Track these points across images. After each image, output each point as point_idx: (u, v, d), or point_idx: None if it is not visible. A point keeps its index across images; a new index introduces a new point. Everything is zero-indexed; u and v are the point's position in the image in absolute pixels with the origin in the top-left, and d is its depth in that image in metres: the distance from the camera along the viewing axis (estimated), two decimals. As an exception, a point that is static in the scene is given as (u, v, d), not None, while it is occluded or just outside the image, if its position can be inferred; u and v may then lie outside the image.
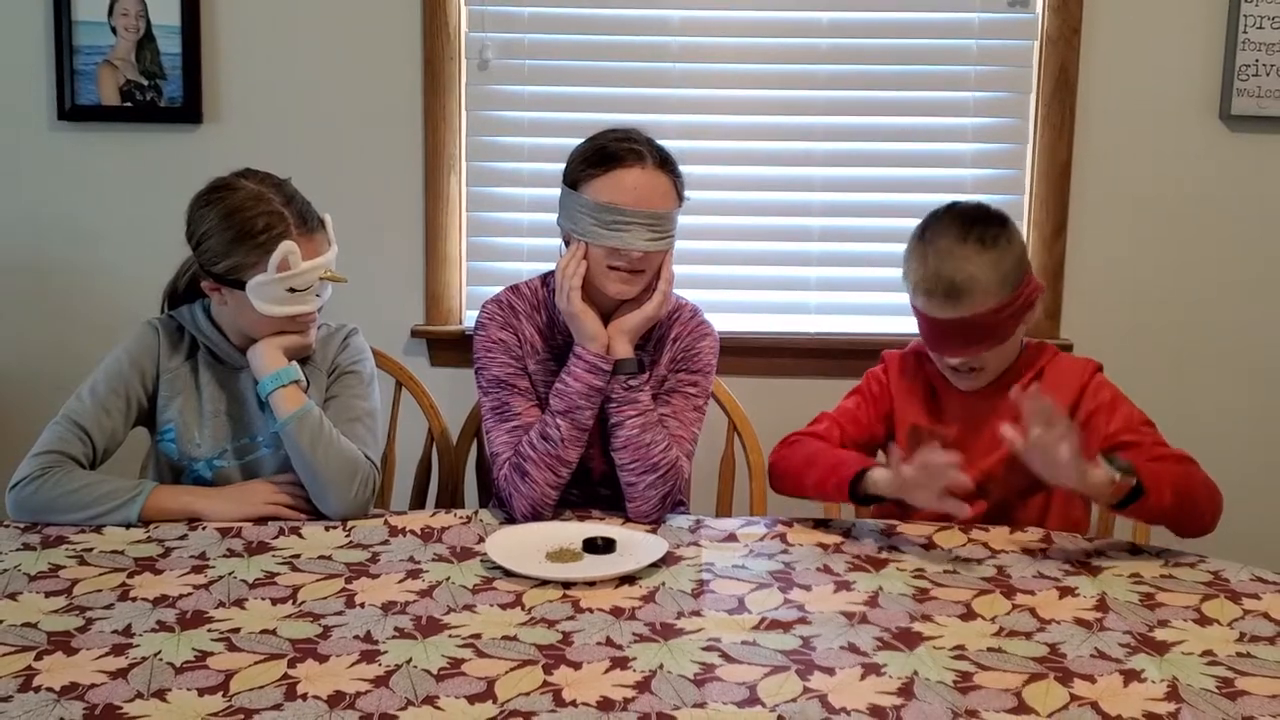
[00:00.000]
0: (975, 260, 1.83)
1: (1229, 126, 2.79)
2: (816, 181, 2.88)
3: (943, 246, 1.85)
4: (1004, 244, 1.86)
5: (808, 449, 1.94)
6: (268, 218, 1.85)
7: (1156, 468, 1.77)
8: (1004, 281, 1.84)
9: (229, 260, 1.86)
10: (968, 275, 1.82)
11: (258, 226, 1.84)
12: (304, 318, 1.91)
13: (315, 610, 1.52)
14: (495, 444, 1.97)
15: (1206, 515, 1.80)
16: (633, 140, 1.92)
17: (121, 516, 1.82)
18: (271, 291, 1.85)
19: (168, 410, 1.96)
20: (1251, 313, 2.87)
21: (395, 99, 2.84)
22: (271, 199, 1.87)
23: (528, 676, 1.34)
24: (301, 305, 1.89)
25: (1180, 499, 1.74)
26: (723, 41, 2.84)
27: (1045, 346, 2.00)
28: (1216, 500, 1.81)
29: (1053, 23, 2.77)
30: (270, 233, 1.84)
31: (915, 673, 1.36)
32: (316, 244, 1.90)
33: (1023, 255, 1.89)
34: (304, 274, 1.86)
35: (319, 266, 1.88)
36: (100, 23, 2.80)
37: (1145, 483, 1.71)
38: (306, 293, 1.88)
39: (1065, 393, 1.90)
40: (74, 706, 1.25)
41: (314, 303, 1.91)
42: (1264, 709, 1.29)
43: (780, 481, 1.97)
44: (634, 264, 1.89)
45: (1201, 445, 2.86)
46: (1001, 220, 1.90)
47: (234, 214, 1.85)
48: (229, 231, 1.85)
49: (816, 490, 1.89)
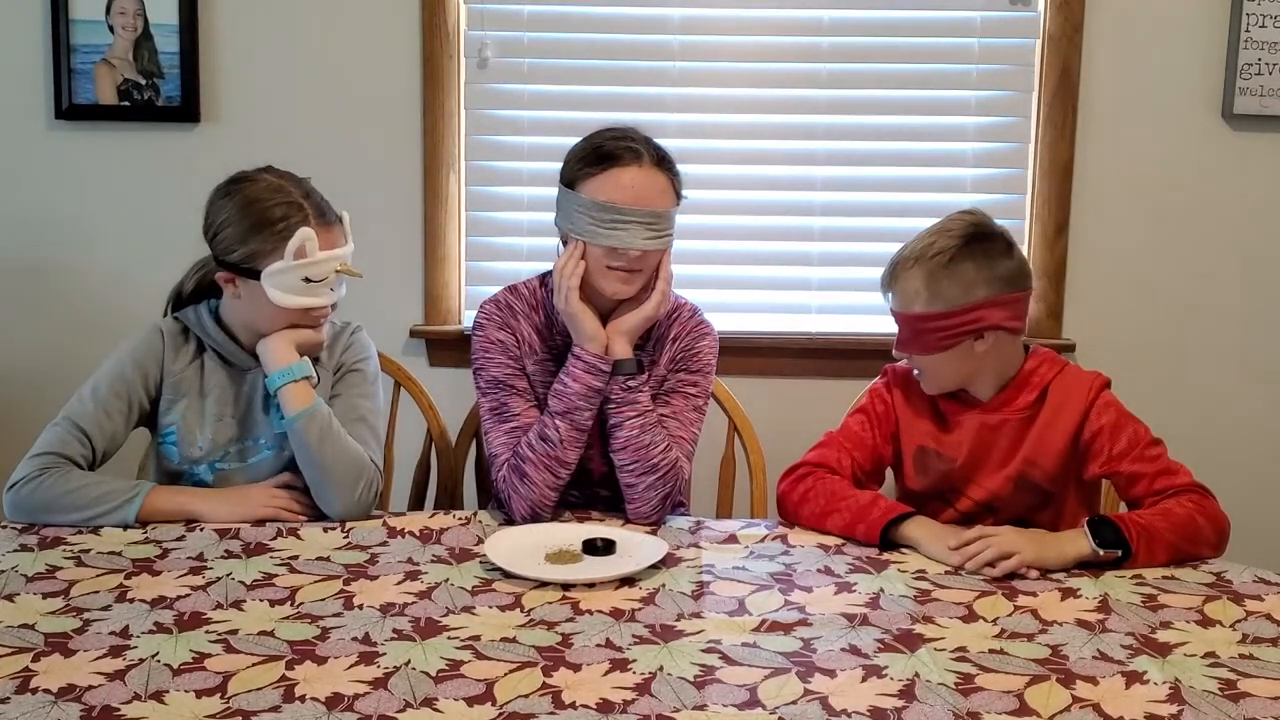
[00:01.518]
0: (919, 265, 1.84)
1: (1231, 125, 2.79)
2: (818, 181, 2.87)
3: (914, 239, 1.89)
4: (956, 264, 1.82)
5: (826, 487, 1.88)
6: (286, 207, 1.86)
7: (1151, 520, 1.74)
8: (934, 295, 1.83)
9: (246, 248, 1.86)
10: (904, 269, 1.86)
11: (276, 215, 1.85)
12: (317, 312, 1.91)
13: (313, 612, 1.52)
14: (494, 445, 1.96)
15: (1205, 551, 1.77)
16: (630, 139, 1.91)
17: (118, 517, 1.81)
18: (287, 280, 1.85)
19: (170, 414, 1.95)
20: (1254, 311, 2.86)
21: (394, 98, 2.83)
22: (291, 190, 1.89)
23: (527, 678, 1.34)
24: (315, 298, 1.88)
25: (1175, 550, 1.73)
26: (723, 40, 2.84)
27: (1050, 357, 1.94)
28: (1222, 533, 1.78)
29: (1055, 21, 2.77)
30: (288, 221, 1.85)
31: (916, 674, 1.36)
32: (334, 237, 1.90)
33: (977, 283, 1.82)
34: (320, 263, 1.86)
35: (336, 258, 1.88)
36: (98, 21, 2.79)
37: (1135, 545, 1.70)
38: (321, 285, 1.88)
39: (1069, 414, 1.88)
40: (71, 708, 1.25)
41: (328, 296, 1.90)
42: (1266, 710, 1.29)
43: (795, 518, 1.90)
44: (632, 263, 1.89)
45: (1203, 445, 2.87)
46: (982, 243, 1.84)
47: (253, 204, 1.87)
48: (247, 220, 1.86)
49: (841, 532, 1.83)
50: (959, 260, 1.83)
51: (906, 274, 1.86)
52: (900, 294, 1.87)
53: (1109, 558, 1.70)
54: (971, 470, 1.91)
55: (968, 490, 1.92)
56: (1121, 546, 1.70)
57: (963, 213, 1.91)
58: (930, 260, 1.83)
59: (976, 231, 1.86)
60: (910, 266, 1.85)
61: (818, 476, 1.90)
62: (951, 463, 1.91)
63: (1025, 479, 1.89)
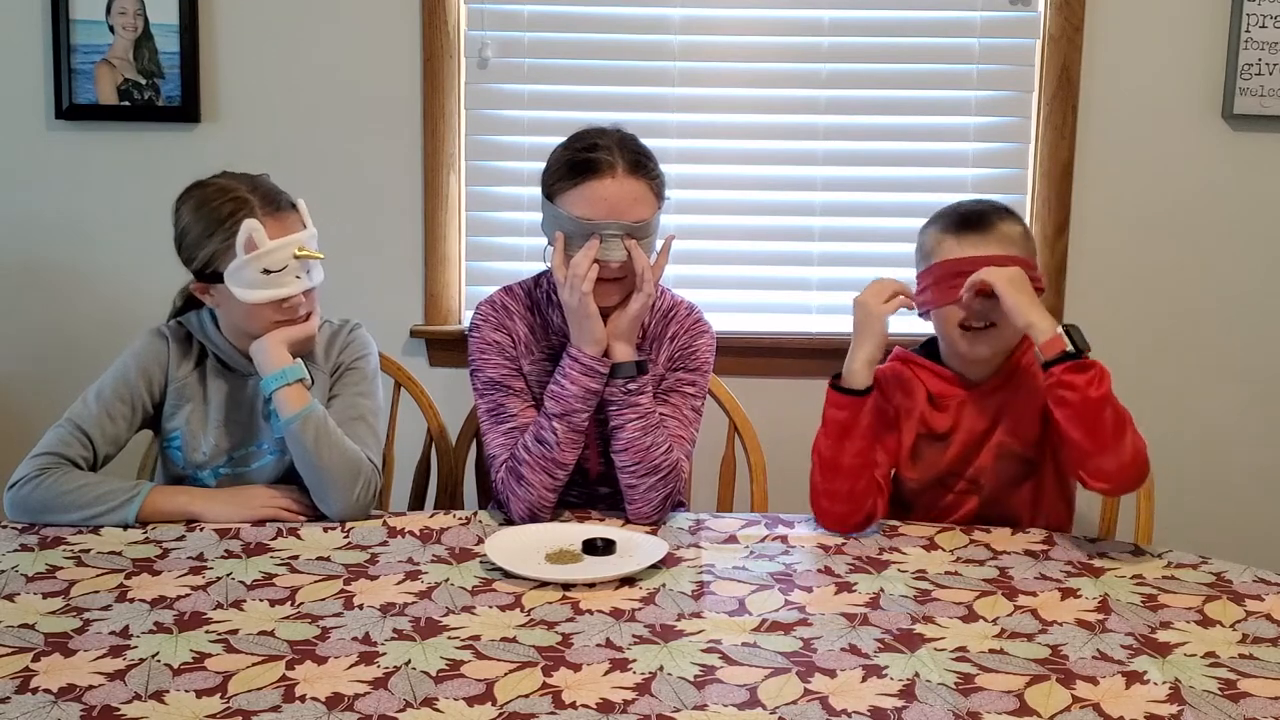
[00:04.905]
0: (999, 210, 1.91)
1: (1231, 126, 2.79)
2: (818, 181, 2.87)
3: (963, 203, 1.94)
4: (1020, 221, 1.93)
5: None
6: (232, 204, 1.86)
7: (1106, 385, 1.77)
8: (1024, 237, 1.91)
9: (204, 252, 1.87)
10: (992, 209, 1.91)
11: (224, 213, 1.85)
12: (290, 303, 1.89)
13: (314, 612, 1.52)
14: (492, 446, 1.96)
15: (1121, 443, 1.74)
16: (600, 148, 1.87)
17: (118, 517, 1.81)
18: (246, 275, 1.84)
19: (174, 418, 1.95)
20: (1253, 312, 2.86)
21: (394, 98, 2.83)
22: (238, 188, 1.88)
23: (527, 678, 1.34)
24: (281, 288, 1.87)
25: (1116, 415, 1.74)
26: (723, 40, 2.84)
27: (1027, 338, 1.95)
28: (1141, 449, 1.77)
29: (1055, 21, 2.77)
30: (235, 217, 1.85)
31: (916, 674, 1.36)
32: (287, 224, 1.89)
33: (1034, 244, 1.97)
34: (273, 252, 1.85)
35: (289, 244, 1.87)
36: (98, 21, 2.79)
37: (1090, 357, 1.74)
38: (284, 274, 1.86)
39: (1039, 374, 1.87)
40: (71, 708, 1.25)
41: (295, 285, 1.88)
42: (1266, 711, 1.29)
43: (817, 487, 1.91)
44: (613, 273, 1.88)
45: (1203, 445, 2.89)
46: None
47: (202, 206, 1.88)
48: (200, 224, 1.87)
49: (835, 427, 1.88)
50: (1017, 216, 1.94)
51: (1008, 219, 1.90)
52: (1002, 236, 1.88)
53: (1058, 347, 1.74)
54: (962, 447, 1.93)
55: (961, 470, 1.93)
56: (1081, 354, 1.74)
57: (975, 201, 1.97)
58: (1009, 214, 1.92)
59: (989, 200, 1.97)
60: (1006, 215, 1.91)
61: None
62: (945, 446, 1.93)
63: (1006, 449, 1.90)
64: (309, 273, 1.91)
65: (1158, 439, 1.89)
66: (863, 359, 1.88)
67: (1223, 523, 2.89)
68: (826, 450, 1.88)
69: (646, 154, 1.91)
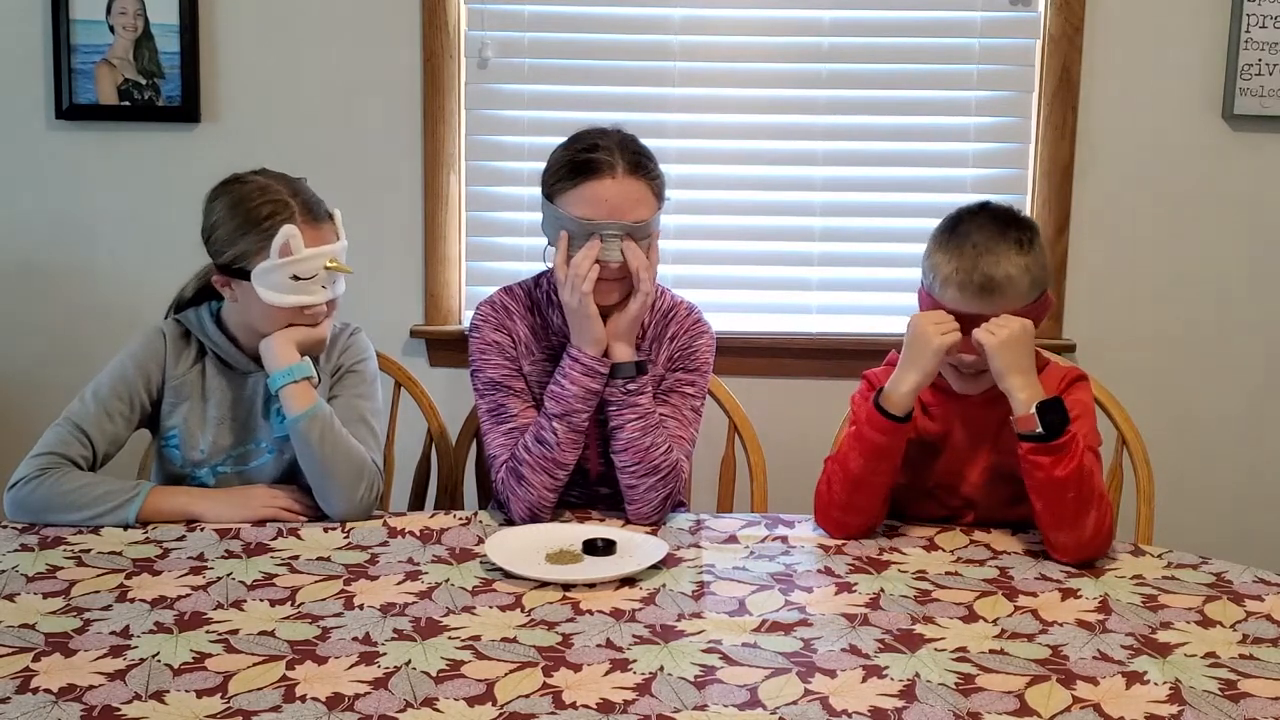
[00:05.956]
0: (1014, 260, 1.80)
1: (1232, 126, 2.79)
2: (818, 181, 2.87)
3: (980, 242, 1.80)
4: (1037, 249, 1.83)
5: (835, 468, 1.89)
6: (272, 205, 1.86)
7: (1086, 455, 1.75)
8: (1034, 285, 1.82)
9: (235, 249, 1.86)
10: (1005, 274, 1.79)
11: (262, 214, 1.85)
12: (312, 310, 1.90)
13: (314, 612, 1.52)
14: (492, 446, 1.96)
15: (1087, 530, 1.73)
16: (601, 148, 1.87)
17: (119, 517, 1.81)
18: (275, 279, 1.84)
19: (172, 416, 1.95)
20: (1254, 312, 2.86)
21: (394, 98, 2.83)
22: (278, 189, 1.88)
23: (527, 678, 1.34)
24: (307, 296, 1.87)
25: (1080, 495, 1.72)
26: (724, 40, 2.84)
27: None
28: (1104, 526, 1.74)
29: (1055, 21, 2.77)
30: (274, 219, 1.84)
31: (917, 675, 1.36)
32: (323, 234, 1.89)
33: (1048, 265, 1.86)
34: (307, 260, 1.85)
35: (323, 254, 1.87)
36: (98, 21, 2.79)
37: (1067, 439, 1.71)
38: (312, 282, 1.87)
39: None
40: (72, 708, 1.25)
41: (320, 294, 1.89)
42: (1267, 711, 1.29)
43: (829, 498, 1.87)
44: (613, 273, 1.88)
45: (1203, 445, 2.89)
46: (1034, 226, 1.87)
47: (240, 203, 1.87)
48: (235, 220, 1.86)
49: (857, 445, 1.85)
50: (1035, 244, 1.83)
51: (1008, 280, 1.79)
52: (1003, 300, 1.80)
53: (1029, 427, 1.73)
54: (954, 462, 1.91)
55: (953, 483, 1.92)
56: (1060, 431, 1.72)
57: (979, 206, 1.87)
58: (1023, 257, 1.80)
59: (1011, 215, 1.86)
60: (1009, 272, 1.79)
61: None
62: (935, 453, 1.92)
63: (999, 469, 1.88)
64: (334, 283, 1.92)
65: (1158, 439, 1.89)
66: (909, 387, 1.81)
67: (1223, 523, 2.89)
68: (859, 469, 1.83)
69: (647, 154, 1.91)
